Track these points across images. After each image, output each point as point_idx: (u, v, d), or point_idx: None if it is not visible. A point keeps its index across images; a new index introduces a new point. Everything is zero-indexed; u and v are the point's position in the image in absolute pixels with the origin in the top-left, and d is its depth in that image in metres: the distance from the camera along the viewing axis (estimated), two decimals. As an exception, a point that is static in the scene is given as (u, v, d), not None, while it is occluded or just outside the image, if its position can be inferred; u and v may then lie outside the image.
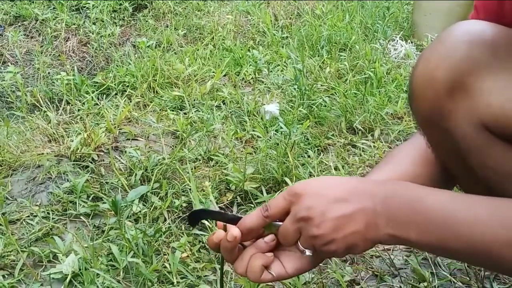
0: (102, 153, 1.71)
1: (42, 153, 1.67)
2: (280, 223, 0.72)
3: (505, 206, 0.66)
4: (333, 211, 0.67)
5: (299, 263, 0.74)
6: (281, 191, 1.48)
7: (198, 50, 2.51)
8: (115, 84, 2.17)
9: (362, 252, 0.70)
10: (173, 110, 2.01)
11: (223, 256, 0.75)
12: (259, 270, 0.72)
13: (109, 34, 2.60)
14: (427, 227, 0.66)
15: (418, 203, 0.67)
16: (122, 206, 1.37)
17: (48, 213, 1.42)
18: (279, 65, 2.42)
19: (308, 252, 0.71)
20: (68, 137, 1.77)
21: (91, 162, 1.65)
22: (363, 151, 1.77)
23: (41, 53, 2.40)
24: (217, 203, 1.46)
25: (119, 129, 1.86)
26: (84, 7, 2.86)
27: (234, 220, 0.74)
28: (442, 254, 0.81)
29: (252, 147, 1.78)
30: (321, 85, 2.19)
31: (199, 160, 1.67)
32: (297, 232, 0.70)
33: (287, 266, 0.73)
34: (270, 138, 1.79)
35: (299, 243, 0.71)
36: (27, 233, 1.35)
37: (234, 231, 0.72)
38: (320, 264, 1.22)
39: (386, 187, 0.70)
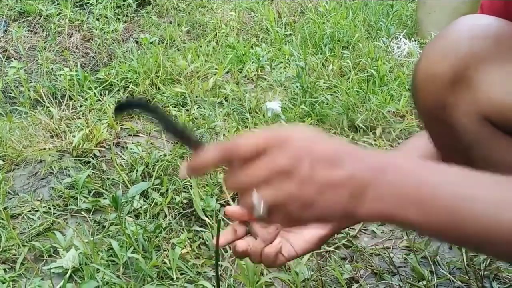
0: (103, 149, 1.71)
1: (44, 148, 1.67)
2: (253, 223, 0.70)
3: None
4: (324, 173, 0.55)
5: (306, 244, 0.75)
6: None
7: (201, 46, 2.52)
8: (117, 80, 2.18)
9: (336, 225, 0.69)
10: (175, 107, 2.02)
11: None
12: (274, 258, 0.72)
13: (112, 30, 2.60)
14: (432, 204, 0.54)
15: (424, 177, 0.55)
16: (122, 202, 1.38)
17: (50, 208, 1.43)
18: (281, 62, 2.42)
19: (262, 211, 0.57)
20: (70, 133, 1.77)
21: (93, 158, 1.66)
22: (364, 149, 1.77)
23: (45, 48, 2.41)
24: (217, 200, 1.46)
25: (121, 125, 1.86)
26: (88, 3, 2.86)
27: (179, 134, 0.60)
28: (446, 238, 0.65)
29: (253, 144, 1.78)
30: (324, 83, 2.18)
31: (201, 157, 1.67)
32: (264, 181, 0.56)
33: (296, 246, 0.75)
34: (272, 135, 1.78)
35: (255, 193, 0.57)
36: (28, 227, 1.36)
37: (241, 245, 0.70)
38: (319, 262, 1.24)
39: (386, 158, 0.58)
